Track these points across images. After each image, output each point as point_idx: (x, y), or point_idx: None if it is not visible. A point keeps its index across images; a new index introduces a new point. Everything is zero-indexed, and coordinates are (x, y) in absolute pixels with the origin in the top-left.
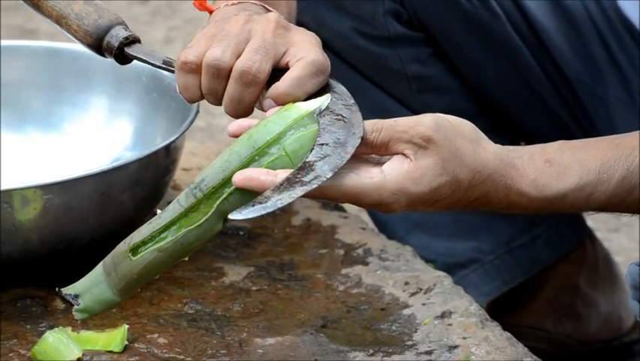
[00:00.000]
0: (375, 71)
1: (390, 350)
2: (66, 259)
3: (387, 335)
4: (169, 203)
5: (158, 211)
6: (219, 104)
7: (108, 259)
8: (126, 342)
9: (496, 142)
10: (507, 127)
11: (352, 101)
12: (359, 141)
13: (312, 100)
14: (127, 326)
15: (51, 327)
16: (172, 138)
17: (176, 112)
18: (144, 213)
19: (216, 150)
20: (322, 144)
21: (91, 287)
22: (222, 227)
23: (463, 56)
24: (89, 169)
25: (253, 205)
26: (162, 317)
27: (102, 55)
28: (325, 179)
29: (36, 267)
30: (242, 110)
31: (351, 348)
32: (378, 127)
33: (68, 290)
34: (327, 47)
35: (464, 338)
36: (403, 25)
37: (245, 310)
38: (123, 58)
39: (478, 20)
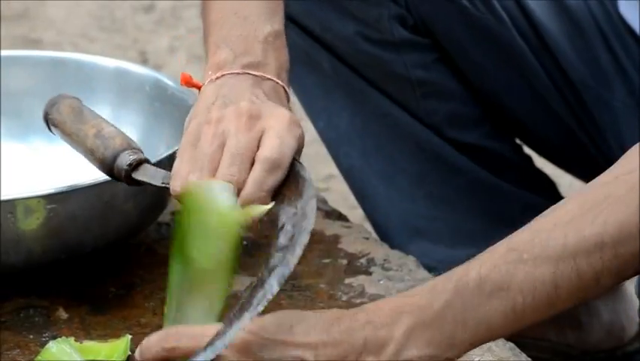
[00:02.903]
0: (380, 75)
1: None
2: (69, 269)
3: None
4: (172, 213)
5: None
6: None
7: None
8: (129, 352)
9: (499, 148)
10: (511, 132)
11: (312, 191)
12: (307, 237)
13: None
14: (130, 337)
15: (54, 337)
16: (175, 147)
17: (180, 121)
18: (148, 222)
19: None
20: (268, 258)
21: None
22: None
23: (468, 60)
24: (93, 178)
25: (211, 344)
26: None
27: (117, 180)
28: (269, 297)
29: (39, 277)
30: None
31: None
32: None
33: None
34: (331, 51)
35: None
36: (407, 30)
37: None
38: (134, 182)
39: (483, 25)
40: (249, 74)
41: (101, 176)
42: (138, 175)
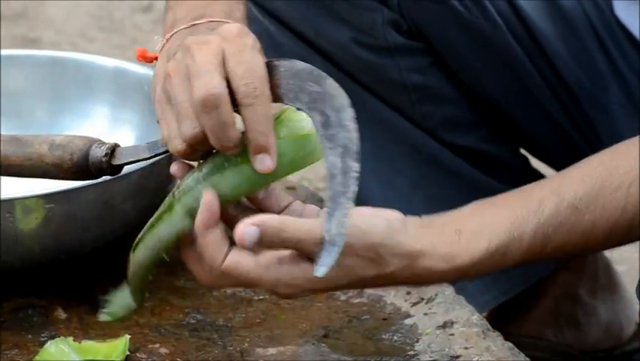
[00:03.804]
0: (375, 81)
1: (392, 360)
2: (68, 269)
3: (388, 345)
4: None
5: None
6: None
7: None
8: (128, 352)
9: (495, 151)
10: (508, 135)
11: (317, 72)
12: (351, 111)
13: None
14: (128, 336)
15: (52, 337)
16: None
17: None
18: (146, 222)
19: None
20: (323, 135)
21: (120, 293)
22: (189, 223)
23: (462, 64)
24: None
25: (325, 249)
26: (164, 327)
27: (100, 176)
28: (356, 172)
29: (38, 276)
30: (232, 134)
31: (352, 358)
32: (283, 239)
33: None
34: (325, 56)
35: (466, 348)
36: (402, 35)
37: (246, 320)
38: (116, 170)
39: (477, 29)
40: (195, 24)
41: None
42: (119, 160)
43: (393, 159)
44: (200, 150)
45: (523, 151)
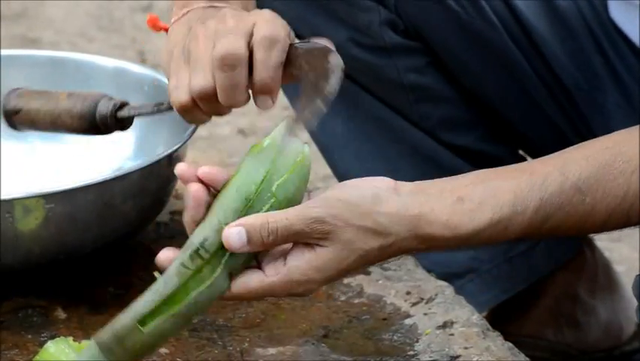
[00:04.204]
0: (372, 81)
1: (391, 360)
2: (68, 269)
3: (388, 345)
4: (171, 213)
5: (157, 274)
6: (228, 112)
7: (105, 335)
8: None
9: (494, 150)
10: (505, 135)
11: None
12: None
13: (273, 132)
14: None
15: (52, 337)
16: (174, 147)
17: (178, 121)
18: (146, 222)
19: (218, 159)
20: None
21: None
22: (229, 284)
23: (459, 64)
24: (91, 178)
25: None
26: None
27: (103, 133)
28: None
29: (37, 277)
30: (241, 97)
31: (352, 358)
32: (273, 229)
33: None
34: None
35: (466, 348)
36: (399, 35)
37: (246, 320)
38: (120, 123)
39: (473, 29)
40: (214, 7)
41: (100, 176)
42: (124, 112)
43: (391, 159)
44: (201, 108)
45: (521, 152)
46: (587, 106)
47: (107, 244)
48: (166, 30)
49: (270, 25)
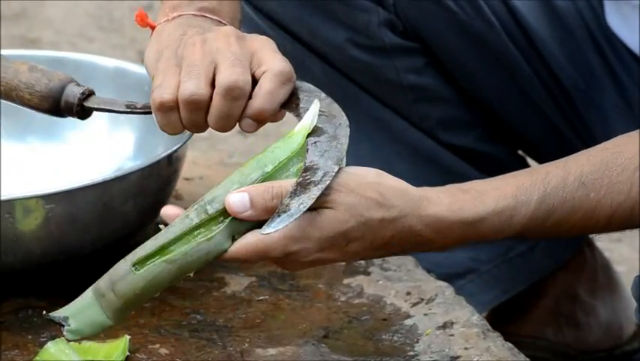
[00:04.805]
0: (371, 81)
1: None
2: (68, 270)
3: (388, 346)
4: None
5: (162, 226)
6: (202, 131)
7: (102, 280)
8: (128, 353)
9: (493, 150)
10: (504, 135)
11: (324, 94)
12: (348, 129)
13: (305, 118)
14: (128, 337)
15: (52, 337)
16: (174, 148)
17: None
18: (146, 223)
19: (218, 159)
20: (315, 142)
21: (82, 310)
22: (230, 246)
23: (458, 65)
24: (91, 179)
25: (279, 215)
26: (164, 328)
27: (62, 116)
28: (334, 173)
29: (38, 277)
30: (230, 125)
31: (352, 359)
32: (277, 193)
33: (57, 313)
34: (321, 57)
35: (466, 349)
36: (397, 36)
37: (246, 320)
38: (84, 113)
39: (472, 29)
40: (205, 16)
41: (100, 177)
42: (92, 103)
43: (391, 159)
44: (178, 114)
45: (520, 152)
46: (585, 106)
47: (107, 244)
48: (153, 27)
49: (283, 61)
